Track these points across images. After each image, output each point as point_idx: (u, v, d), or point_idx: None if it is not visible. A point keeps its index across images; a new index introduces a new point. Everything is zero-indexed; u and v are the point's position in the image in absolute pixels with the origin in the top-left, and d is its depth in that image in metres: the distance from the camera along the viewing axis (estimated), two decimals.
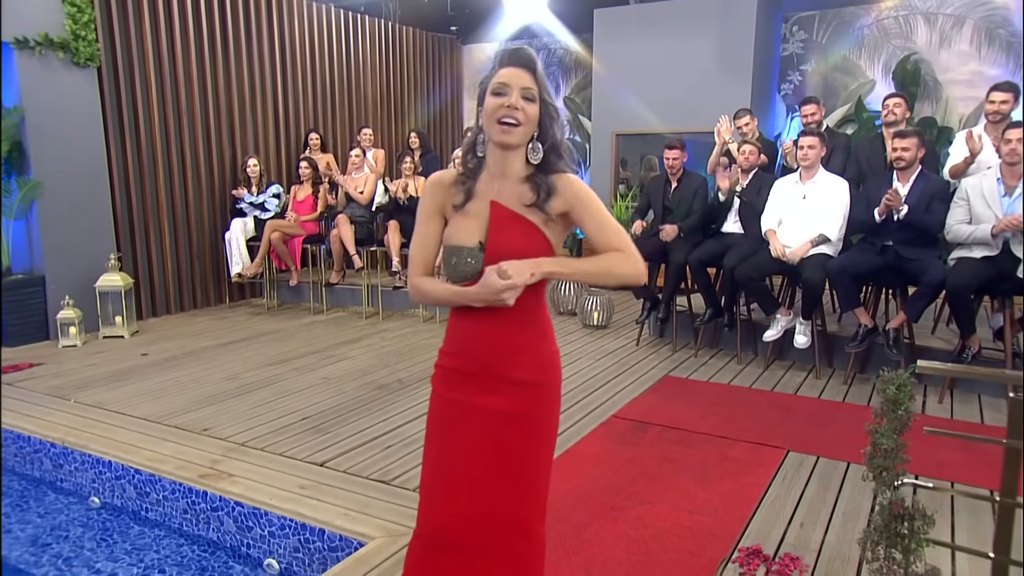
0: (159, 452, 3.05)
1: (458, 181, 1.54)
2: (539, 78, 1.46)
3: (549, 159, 1.51)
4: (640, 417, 3.58)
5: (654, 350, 4.89)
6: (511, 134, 1.44)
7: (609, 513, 2.60)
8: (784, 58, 7.25)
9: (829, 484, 2.77)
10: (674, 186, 4.88)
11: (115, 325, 5.27)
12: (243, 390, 3.93)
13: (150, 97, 5.74)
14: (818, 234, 4.06)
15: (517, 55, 1.47)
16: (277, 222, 5.96)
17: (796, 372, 4.32)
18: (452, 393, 1.53)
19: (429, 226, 1.55)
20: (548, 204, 1.48)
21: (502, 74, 1.46)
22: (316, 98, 7.31)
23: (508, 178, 1.50)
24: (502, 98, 1.44)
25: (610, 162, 7.70)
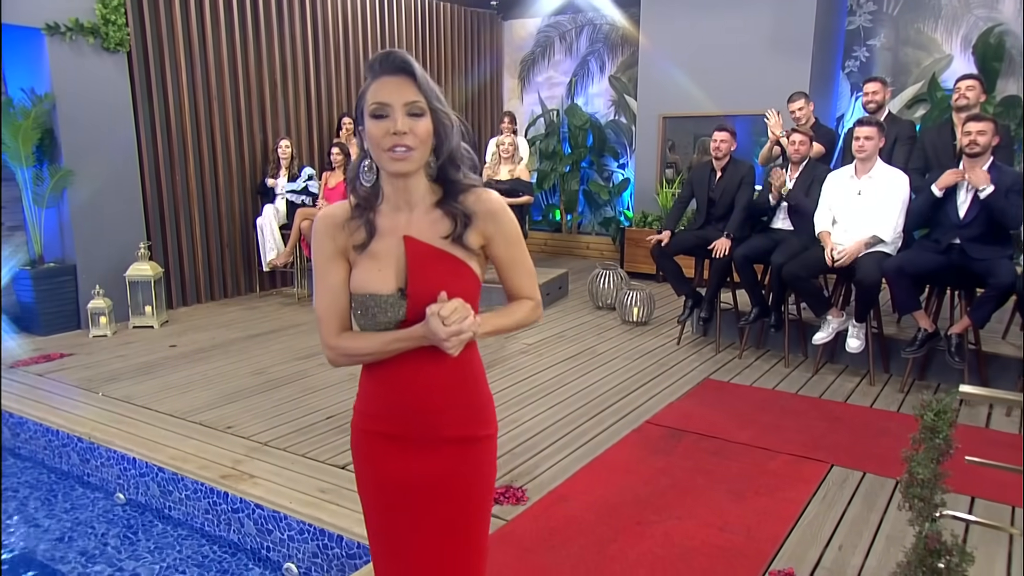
0: (182, 450, 3.18)
1: (353, 216, 1.37)
2: (422, 83, 1.29)
3: (448, 174, 1.36)
4: (675, 424, 3.57)
5: (695, 350, 4.85)
6: (405, 160, 1.29)
7: (635, 528, 2.61)
8: (850, 32, 7.00)
9: (874, 504, 2.72)
10: (719, 175, 4.81)
11: (145, 315, 5.49)
12: (269, 386, 4.06)
13: (180, 81, 5.91)
14: (871, 235, 3.95)
15: (389, 61, 1.29)
16: (308, 210, 6.09)
17: (848, 377, 4.23)
18: (379, 464, 1.42)
19: (332, 274, 1.38)
20: (467, 235, 1.36)
21: (378, 89, 1.29)
22: (350, 79, 7.40)
23: (415, 206, 1.36)
24: (384, 122, 1.27)
25: (657, 146, 7.61)
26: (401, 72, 1.29)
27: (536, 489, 2.87)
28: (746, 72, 6.84)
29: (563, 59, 8.90)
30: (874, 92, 4.50)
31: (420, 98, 1.29)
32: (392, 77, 1.29)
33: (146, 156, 5.78)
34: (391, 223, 1.37)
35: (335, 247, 1.38)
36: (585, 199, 8.74)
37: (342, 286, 1.38)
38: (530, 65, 9.13)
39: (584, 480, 2.98)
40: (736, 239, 4.58)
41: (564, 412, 3.68)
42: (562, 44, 8.85)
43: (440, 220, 1.37)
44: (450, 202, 1.37)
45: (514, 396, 3.90)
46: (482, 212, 1.37)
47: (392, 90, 1.28)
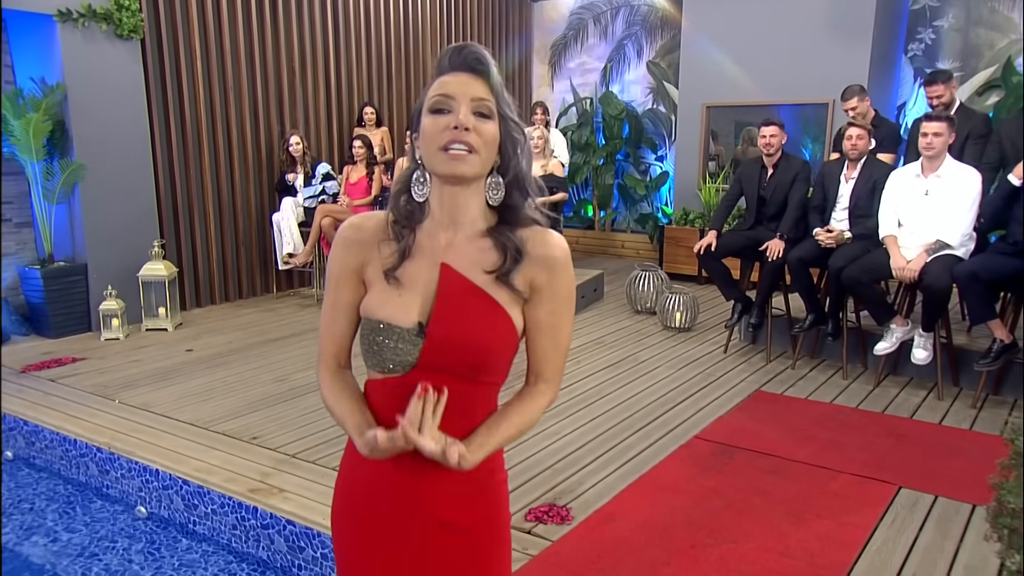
0: (207, 462, 3.26)
1: (389, 234, 1.26)
2: (495, 86, 1.20)
3: (513, 200, 1.24)
4: (727, 439, 3.58)
5: (744, 359, 4.85)
6: (464, 161, 1.17)
7: (689, 551, 2.64)
8: (914, 12, 6.93)
9: (948, 530, 2.72)
10: (770, 172, 4.81)
11: (158, 317, 5.60)
12: (292, 394, 4.14)
13: (195, 70, 6.02)
14: (935, 240, 3.93)
15: (462, 55, 1.21)
16: (329, 207, 6.18)
17: (913, 391, 4.21)
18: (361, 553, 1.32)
19: (342, 293, 1.28)
20: (515, 275, 1.22)
21: (444, 82, 1.20)
22: (371, 66, 7.49)
23: (461, 227, 1.24)
24: (446, 116, 1.18)
25: (699, 138, 7.60)
26: (473, 70, 1.20)
27: (581, 508, 2.90)
28: (799, 57, 6.81)
29: (597, 43, 8.91)
30: (939, 95, 4.44)
31: (491, 98, 1.20)
32: (463, 73, 1.21)
33: (159, 149, 5.90)
34: (429, 243, 1.25)
35: (352, 264, 1.27)
36: (620, 194, 8.75)
37: (347, 309, 1.29)
38: (561, 50, 9.16)
39: (631, 499, 3.01)
40: (790, 240, 4.57)
41: (606, 425, 3.71)
42: (596, 27, 8.86)
43: (487, 251, 1.23)
44: (504, 231, 1.23)
45: (553, 407, 3.93)
46: (538, 255, 1.23)
47: (460, 85, 1.19)
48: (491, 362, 1.23)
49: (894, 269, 3.99)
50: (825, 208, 4.55)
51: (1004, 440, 1.79)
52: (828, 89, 6.59)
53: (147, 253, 5.62)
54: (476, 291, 1.22)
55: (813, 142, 7.07)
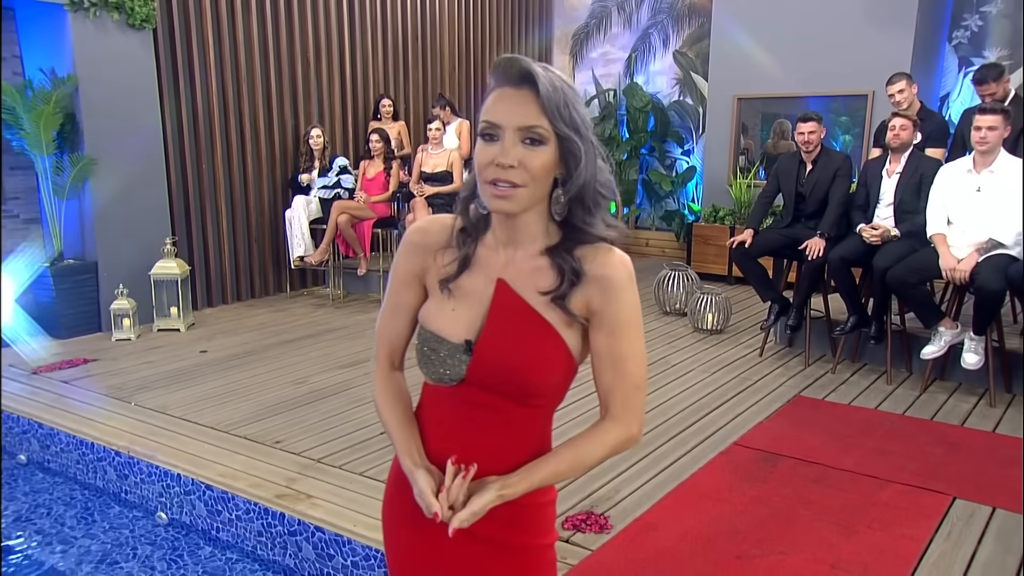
0: (231, 467, 3.29)
1: (452, 241, 1.27)
2: (548, 101, 1.13)
3: (575, 218, 1.22)
4: (768, 447, 3.58)
5: (781, 362, 4.84)
6: (508, 200, 1.16)
7: (734, 563, 2.64)
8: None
9: (1010, 544, 2.71)
10: (809, 168, 4.79)
11: (170, 317, 5.66)
12: (313, 397, 4.17)
13: (208, 61, 6.07)
14: (987, 239, 3.91)
15: (505, 69, 1.16)
16: (345, 203, 6.22)
17: (963, 397, 4.19)
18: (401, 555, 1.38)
19: (402, 296, 1.33)
20: (570, 298, 1.21)
21: (492, 105, 1.17)
22: (387, 57, 7.53)
23: (521, 245, 1.24)
24: (492, 146, 1.15)
25: (730, 132, 7.59)
26: (522, 84, 1.15)
27: (619, 516, 2.91)
28: (836, 46, 6.78)
29: (621, 32, 8.92)
30: (991, 94, 4.40)
31: (541, 122, 1.14)
32: (511, 89, 1.16)
33: (171, 142, 5.96)
34: (489, 256, 1.26)
35: (414, 269, 1.31)
36: (644, 190, 8.75)
37: (406, 312, 1.33)
38: (583, 39, 9.17)
39: (672, 507, 3.02)
40: (830, 239, 4.56)
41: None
42: (620, 15, 8.86)
43: (545, 270, 1.23)
44: (562, 252, 1.22)
45: (584, 411, 3.94)
46: (594, 276, 1.21)
47: (507, 108, 1.15)
48: (538, 386, 1.23)
49: (944, 269, 3.97)
50: (868, 206, 4.53)
51: None
52: (867, 80, 6.58)
53: (158, 251, 5.67)
54: (529, 312, 1.22)
55: (844, 134, 7.04)
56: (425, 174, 6.21)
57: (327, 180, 6.42)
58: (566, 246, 1.23)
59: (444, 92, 8.00)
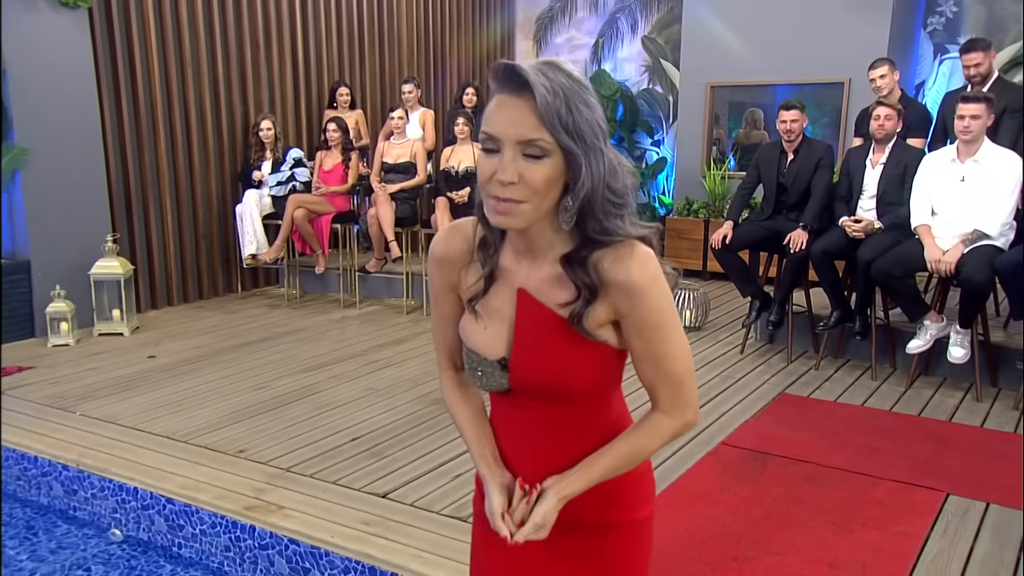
0: (192, 478, 3.24)
1: (475, 253, 1.29)
2: (546, 111, 1.11)
3: (586, 226, 1.20)
4: (756, 446, 3.66)
5: (763, 360, 4.94)
6: (509, 216, 1.15)
7: (731, 564, 2.70)
8: None
9: (1006, 539, 2.82)
10: (790, 158, 4.90)
11: (112, 320, 5.54)
12: (276, 403, 4.13)
13: (148, 45, 5.95)
14: (972, 230, 4.05)
15: (501, 77, 1.14)
16: (301, 196, 6.16)
17: (948, 392, 4.34)
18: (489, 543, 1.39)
19: (443, 304, 1.38)
20: (590, 313, 1.21)
21: (490, 114, 1.15)
22: (342, 44, 7.48)
23: (540, 253, 1.25)
24: (492, 159, 1.14)
25: (703, 121, 7.71)
26: (520, 91, 1.12)
27: None
28: (812, 33, 6.93)
29: (587, 17, 9.00)
30: (976, 64, 4.57)
31: (541, 135, 1.12)
32: (509, 97, 1.14)
33: (110, 132, 5.83)
34: (511, 266, 1.28)
35: (446, 282, 1.35)
36: None
37: (451, 320, 1.38)
38: (547, 24, 9.23)
39: (664, 509, 3.06)
40: (813, 231, 4.68)
41: None
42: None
43: (562, 280, 1.23)
44: (575, 265, 1.21)
45: None
46: (615, 282, 1.20)
47: (505, 119, 1.13)
48: (579, 388, 1.26)
49: (929, 261, 4.11)
50: (851, 197, 4.66)
51: None
52: (843, 67, 6.74)
53: (98, 249, 5.54)
54: (554, 319, 1.24)
55: (813, 124, 7.16)
56: (387, 165, 6.18)
57: (280, 175, 6.34)
58: (582, 254, 1.21)
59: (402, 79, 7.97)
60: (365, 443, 3.60)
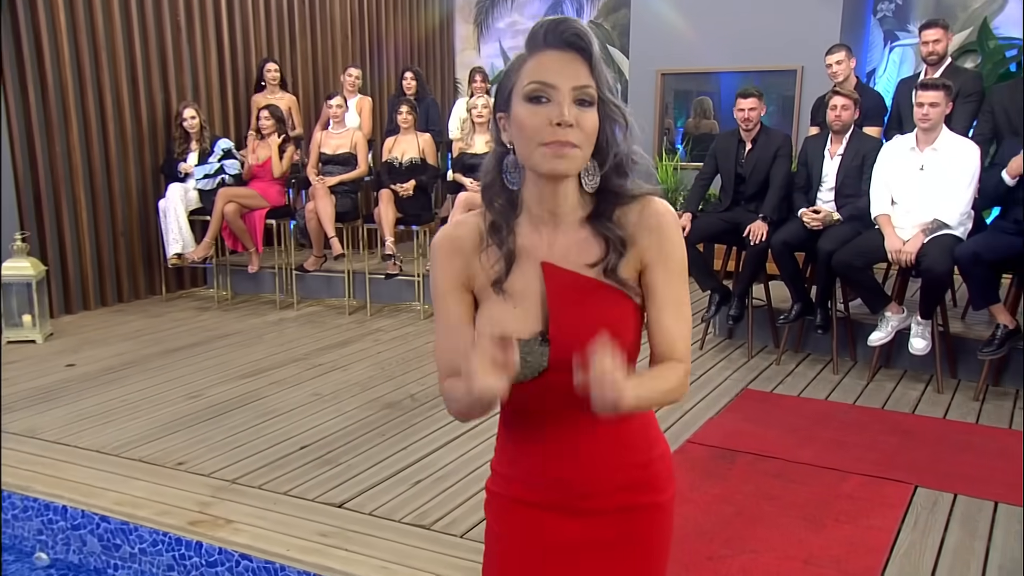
0: (129, 494, 3.18)
1: (487, 237, 1.34)
2: (597, 67, 1.25)
3: (612, 186, 1.32)
4: (723, 443, 3.76)
5: (723, 355, 5.08)
6: (567, 158, 1.24)
7: (706, 564, 2.78)
8: None
9: (975, 530, 2.97)
10: (748, 147, 5.04)
11: (23, 327, 5.36)
12: (214, 411, 4.08)
13: (57, 25, 5.78)
14: (932, 220, 4.24)
15: (561, 32, 1.24)
16: (232, 190, 6.06)
17: (910, 384, 4.53)
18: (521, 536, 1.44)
19: (452, 308, 1.37)
20: (622, 265, 1.31)
21: (542, 65, 1.24)
22: (270, 25, 7.38)
23: (562, 220, 1.33)
24: (545, 107, 1.23)
25: (654, 109, 7.85)
26: (574, 48, 1.24)
27: None
28: (763, 19, 7.09)
29: (530, 1, 9.05)
30: (935, 40, 4.78)
31: (592, 83, 1.24)
32: (560, 53, 1.24)
33: (16, 121, 5.65)
34: (529, 243, 1.33)
35: (457, 277, 1.36)
36: None
37: (464, 324, 1.37)
38: (488, 7, 9.26)
39: None
40: (773, 222, 4.82)
41: None
42: None
43: (588, 241, 1.32)
44: (603, 220, 1.32)
45: None
46: (644, 226, 1.31)
47: (560, 69, 1.23)
48: (623, 349, 1.29)
49: (889, 251, 4.28)
50: (810, 188, 4.82)
51: None
52: (796, 55, 6.95)
53: (7, 248, 5.35)
54: (586, 282, 1.31)
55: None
56: (325, 156, 6.13)
57: (208, 167, 6.23)
58: (606, 212, 1.32)
59: (336, 64, 7.91)
60: (315, 451, 3.58)
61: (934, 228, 4.23)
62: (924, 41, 4.87)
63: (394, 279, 6.00)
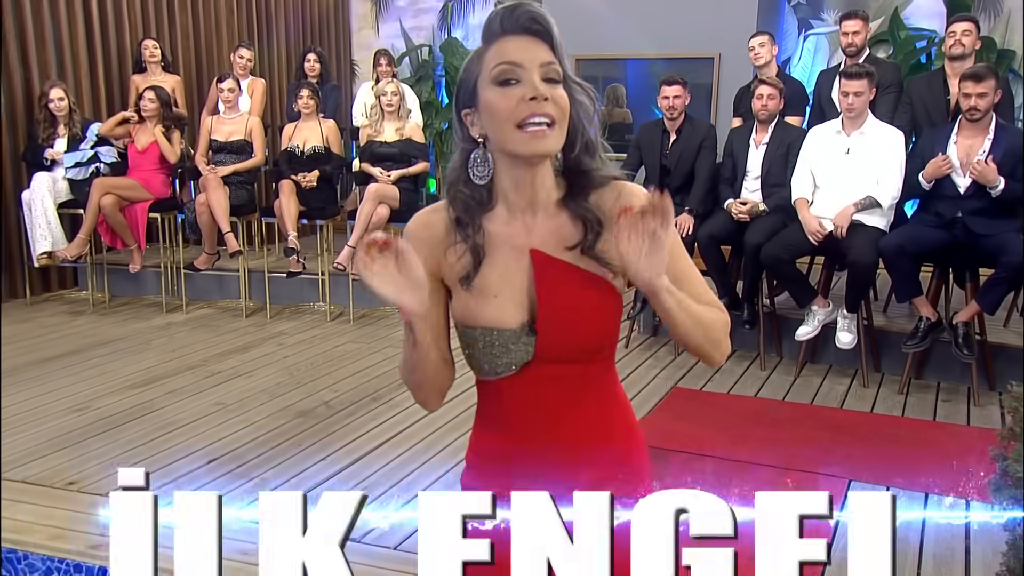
0: (15, 519, 3.06)
1: (456, 237, 1.39)
2: (559, 49, 1.32)
3: (583, 166, 1.39)
4: (657, 443, 3.91)
5: (650, 353, 5.26)
6: (546, 137, 1.30)
7: None
8: None
9: (909, 523, 3.19)
10: (673, 138, 5.24)
11: None
12: (106, 424, 3.99)
13: None
14: (865, 196, 4.49)
15: (519, 17, 1.31)
16: (110, 181, 5.88)
17: (836, 379, 4.80)
18: None
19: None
20: (599, 245, 1.37)
21: (504, 48, 1.31)
22: None
23: (540, 206, 1.39)
24: (517, 88, 1.29)
25: None
26: (530, 32, 1.31)
27: None
28: (680, 4, 7.30)
29: None
30: (855, 32, 5.09)
31: (556, 62, 1.31)
32: (519, 37, 1.31)
33: None
34: (506, 231, 1.39)
35: (425, 262, 1.35)
36: None
37: (435, 311, 1.42)
38: None
39: None
40: (699, 215, 5.02)
41: None
42: None
43: (566, 224, 1.38)
44: (579, 201, 1.38)
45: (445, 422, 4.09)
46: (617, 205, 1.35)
47: (525, 50, 1.30)
48: (604, 338, 1.42)
49: (809, 234, 4.51)
50: (736, 179, 5.04)
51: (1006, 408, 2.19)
52: (713, 43, 7.21)
53: None
54: (571, 269, 1.37)
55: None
56: (217, 143, 6.01)
57: (80, 155, 6.01)
58: (580, 193, 1.38)
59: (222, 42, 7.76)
60: (226, 465, 3.54)
61: (866, 204, 4.48)
62: (844, 32, 5.18)
63: (296, 278, 5.93)
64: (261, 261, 6.07)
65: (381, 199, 5.60)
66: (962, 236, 4.29)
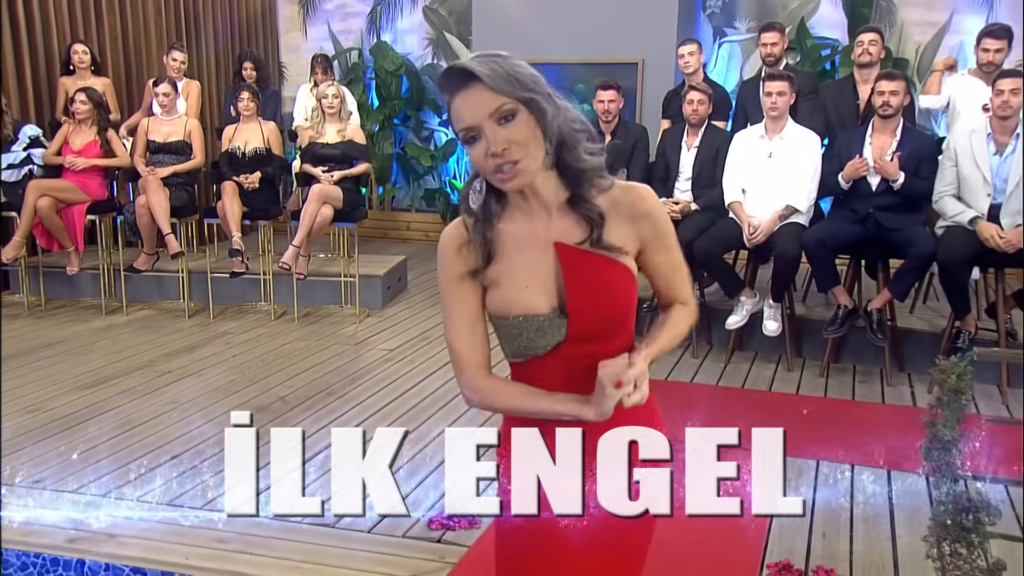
0: None
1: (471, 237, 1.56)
2: (498, 82, 1.43)
3: (565, 160, 1.53)
4: None
5: None
6: (516, 177, 1.47)
7: None
8: None
9: (838, 494, 3.46)
10: (607, 139, 5.44)
11: None
12: (62, 425, 3.97)
13: None
14: (784, 206, 4.80)
15: (452, 78, 1.46)
16: (46, 183, 5.77)
17: (762, 365, 5.09)
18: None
19: (468, 297, 1.58)
20: (606, 235, 1.54)
21: (457, 112, 1.46)
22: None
23: (551, 207, 1.56)
24: (480, 144, 1.45)
25: None
26: (467, 82, 1.44)
27: None
28: (603, 10, 7.53)
29: None
30: (773, 43, 5.41)
31: (503, 99, 1.43)
32: (463, 92, 1.45)
33: None
34: (528, 230, 1.56)
35: (464, 267, 1.56)
36: (400, 166, 9.06)
37: (477, 317, 1.59)
38: None
39: None
40: None
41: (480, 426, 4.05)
42: None
43: (575, 222, 1.55)
44: (580, 202, 1.54)
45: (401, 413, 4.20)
46: (639, 212, 1.57)
47: (470, 107, 1.44)
48: (628, 313, 1.59)
49: (746, 235, 4.79)
50: (668, 178, 5.28)
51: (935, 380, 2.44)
52: (636, 48, 7.47)
53: None
54: (593, 257, 1.54)
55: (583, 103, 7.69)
56: (155, 144, 5.96)
57: (12, 156, 5.88)
58: (581, 193, 1.55)
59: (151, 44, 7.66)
60: (190, 460, 3.58)
61: (787, 213, 4.79)
62: (763, 43, 5.52)
63: (239, 278, 5.93)
64: (202, 262, 6.04)
65: (325, 199, 5.65)
66: (874, 230, 4.62)
